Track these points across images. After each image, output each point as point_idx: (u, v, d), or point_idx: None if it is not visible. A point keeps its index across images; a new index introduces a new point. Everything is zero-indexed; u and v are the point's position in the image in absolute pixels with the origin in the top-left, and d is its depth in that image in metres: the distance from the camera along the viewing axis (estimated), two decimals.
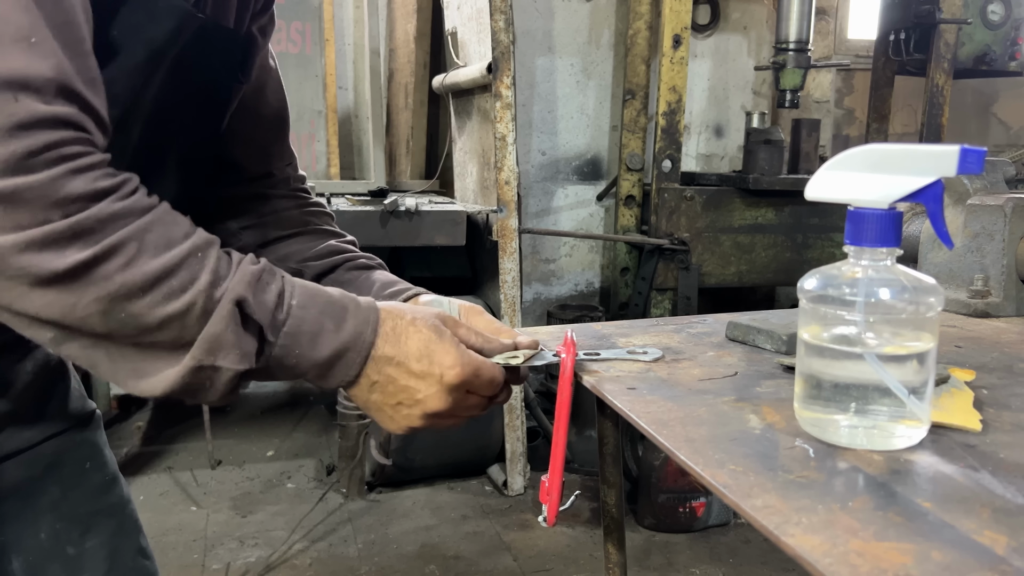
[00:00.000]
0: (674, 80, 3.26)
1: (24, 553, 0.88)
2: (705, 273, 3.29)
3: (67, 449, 0.93)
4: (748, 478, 0.60)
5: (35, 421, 0.89)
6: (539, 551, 2.49)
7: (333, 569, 2.37)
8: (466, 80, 2.96)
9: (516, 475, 2.85)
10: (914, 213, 1.41)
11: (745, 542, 2.56)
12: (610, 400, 0.81)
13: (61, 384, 0.95)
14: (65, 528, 0.91)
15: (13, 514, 0.87)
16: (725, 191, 3.30)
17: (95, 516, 0.93)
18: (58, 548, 0.90)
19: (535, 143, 3.82)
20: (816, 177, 0.67)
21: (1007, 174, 1.34)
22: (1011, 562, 0.48)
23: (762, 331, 0.99)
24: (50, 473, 0.90)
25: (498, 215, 2.76)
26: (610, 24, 3.84)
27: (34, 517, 0.89)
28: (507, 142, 2.72)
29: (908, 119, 4.32)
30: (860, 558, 0.49)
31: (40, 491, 0.89)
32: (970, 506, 0.56)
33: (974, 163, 0.61)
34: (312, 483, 2.92)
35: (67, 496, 0.92)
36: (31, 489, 0.89)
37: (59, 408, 0.93)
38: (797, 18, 3.34)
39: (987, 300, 1.23)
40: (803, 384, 0.69)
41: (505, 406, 2.82)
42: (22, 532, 0.88)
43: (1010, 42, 3.64)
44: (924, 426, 0.67)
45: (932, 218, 0.66)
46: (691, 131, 4.06)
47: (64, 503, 0.91)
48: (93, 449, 0.97)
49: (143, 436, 3.30)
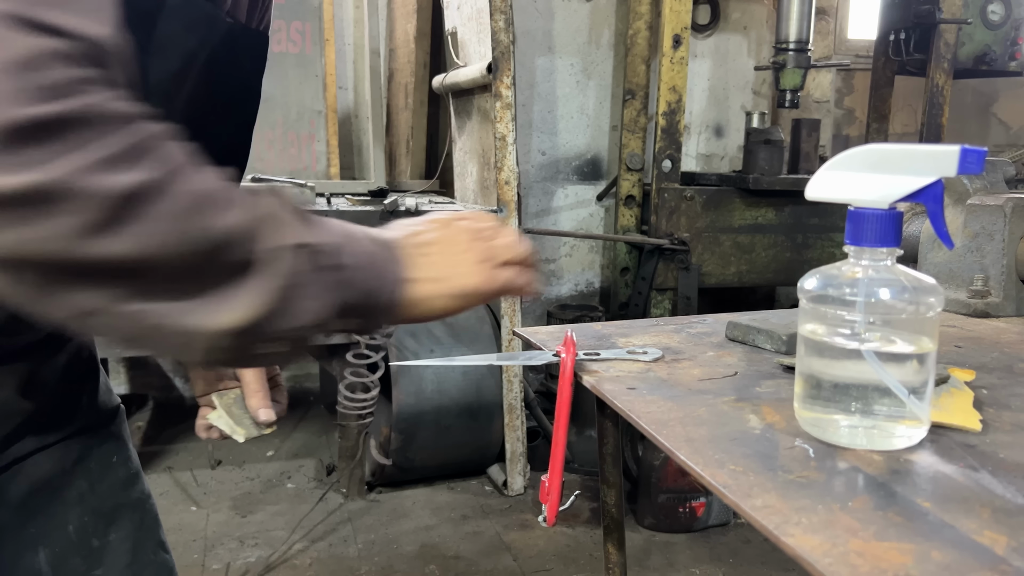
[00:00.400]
0: (674, 80, 3.26)
1: (51, 545, 0.88)
2: (705, 273, 3.29)
3: (95, 443, 0.93)
4: (748, 478, 0.60)
5: (66, 415, 0.90)
6: (539, 551, 2.49)
7: (333, 569, 2.37)
8: (466, 80, 2.96)
9: (516, 475, 2.85)
10: (914, 213, 1.41)
11: (745, 542, 2.56)
12: (610, 400, 0.81)
13: (91, 379, 0.95)
14: (91, 521, 0.91)
15: (42, 507, 0.88)
16: (725, 191, 3.30)
17: (120, 509, 0.94)
18: (84, 541, 0.90)
19: (535, 143, 3.82)
20: (816, 177, 0.67)
21: (1007, 174, 1.34)
22: (1011, 562, 0.48)
23: (762, 331, 0.99)
24: (78, 466, 0.91)
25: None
26: (610, 24, 3.84)
27: (62, 510, 0.89)
28: (507, 142, 2.72)
29: (908, 119, 4.32)
30: (860, 558, 0.49)
31: (68, 484, 0.90)
32: (970, 506, 0.56)
33: (974, 163, 0.61)
34: (312, 483, 2.92)
35: (94, 489, 0.92)
36: (60, 482, 0.89)
37: (88, 402, 0.94)
38: (797, 18, 3.34)
39: (987, 300, 1.23)
40: (803, 384, 0.69)
41: (505, 406, 2.83)
42: (50, 525, 0.88)
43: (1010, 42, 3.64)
44: (924, 426, 0.67)
45: (932, 218, 0.66)
46: (691, 131, 4.06)
47: (91, 496, 0.92)
48: (119, 443, 0.97)
49: (143, 436, 3.31)
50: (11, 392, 0.80)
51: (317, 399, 3.79)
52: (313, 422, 3.52)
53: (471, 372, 2.80)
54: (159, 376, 3.61)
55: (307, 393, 3.87)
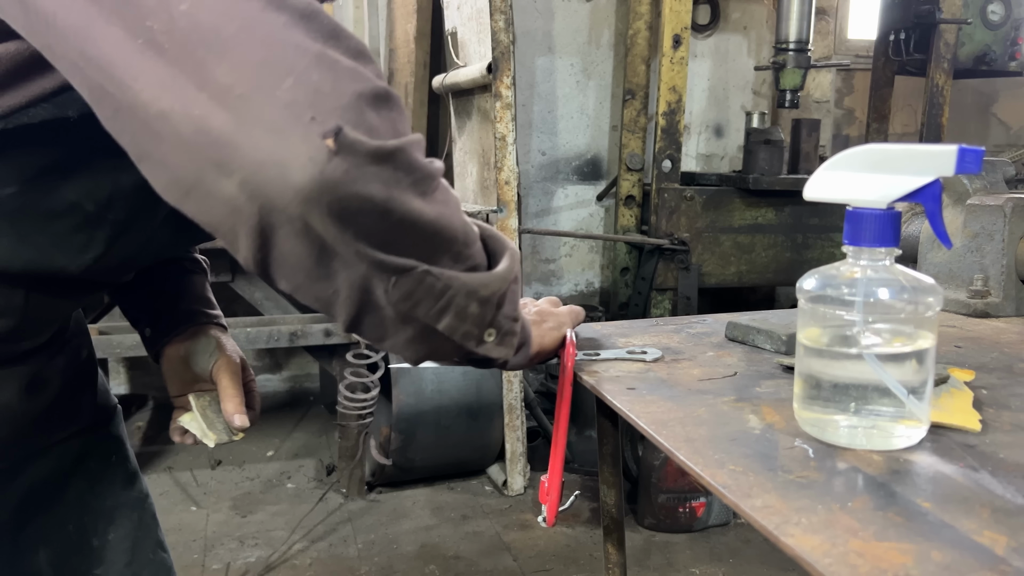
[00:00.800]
0: (674, 80, 3.26)
1: (51, 545, 0.88)
2: (705, 273, 3.29)
3: (94, 443, 0.94)
4: (748, 478, 0.60)
5: (66, 416, 0.90)
6: (539, 551, 2.49)
7: (333, 569, 2.37)
8: (466, 80, 2.96)
9: (516, 475, 2.85)
10: (913, 213, 1.41)
11: (745, 542, 2.56)
12: (610, 400, 0.81)
13: (90, 380, 0.95)
14: (91, 521, 0.92)
15: (42, 507, 0.88)
16: (725, 191, 3.30)
17: (118, 509, 0.95)
18: (83, 540, 0.91)
19: (535, 143, 3.82)
20: (815, 177, 0.67)
21: (1007, 174, 1.34)
22: (1011, 562, 0.48)
23: (762, 331, 0.99)
24: (78, 467, 0.91)
25: (498, 215, 2.76)
26: (610, 24, 3.84)
27: (62, 510, 0.90)
28: (507, 142, 2.72)
29: (908, 119, 4.32)
30: (860, 558, 0.49)
31: (68, 484, 0.90)
32: (970, 506, 0.56)
33: (972, 163, 0.61)
34: (312, 483, 2.92)
35: (93, 489, 0.92)
36: (60, 483, 0.89)
37: (88, 403, 0.94)
38: (797, 18, 3.34)
39: (987, 300, 1.23)
40: (802, 384, 0.69)
41: (505, 406, 2.83)
42: (49, 524, 0.89)
43: (1010, 42, 3.64)
44: (924, 426, 0.67)
45: (930, 218, 0.66)
46: (691, 131, 4.06)
47: (90, 496, 0.92)
48: (117, 443, 0.98)
49: (143, 436, 3.31)
50: (13, 395, 0.80)
51: (317, 399, 3.79)
52: (313, 422, 3.52)
53: (471, 372, 2.80)
54: (159, 376, 3.60)
55: (307, 393, 3.87)
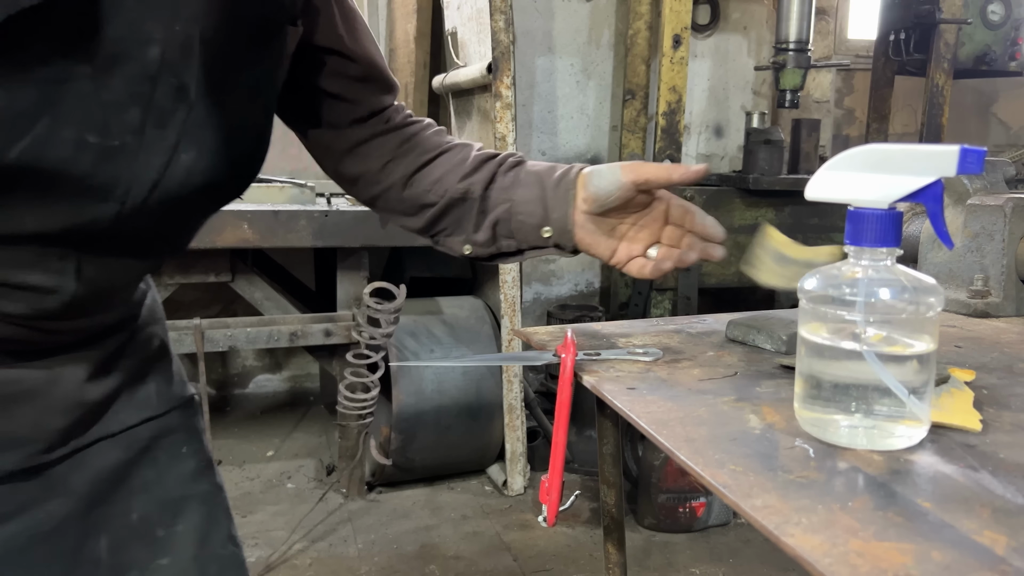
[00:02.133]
0: (674, 80, 3.26)
1: (112, 532, 0.86)
2: (705, 273, 3.29)
3: (165, 433, 0.91)
4: (748, 478, 0.60)
5: (134, 403, 0.88)
6: (539, 551, 2.49)
7: (333, 569, 2.37)
8: (466, 80, 2.96)
9: (516, 475, 2.85)
10: (914, 213, 1.41)
11: (745, 542, 2.56)
12: (610, 400, 0.81)
13: (162, 366, 0.93)
14: (157, 511, 0.89)
15: (105, 495, 0.86)
16: (725, 191, 3.30)
17: (187, 501, 0.92)
18: (147, 530, 0.88)
19: (535, 143, 3.82)
20: (816, 177, 0.67)
21: (1007, 174, 1.34)
22: (1011, 562, 0.48)
23: (762, 331, 0.99)
24: (145, 456, 0.89)
25: None
26: (610, 24, 3.84)
27: (126, 498, 0.87)
28: (507, 142, 2.72)
29: (908, 119, 4.32)
30: (860, 558, 0.49)
31: (134, 473, 0.88)
32: (970, 506, 0.56)
33: (974, 163, 0.61)
34: (312, 483, 2.92)
35: (161, 479, 0.90)
36: (125, 471, 0.87)
37: (159, 390, 0.91)
38: (797, 18, 3.34)
39: (987, 300, 1.23)
40: (803, 384, 0.69)
41: (505, 406, 2.83)
42: (112, 512, 0.86)
43: (1010, 42, 3.65)
44: (924, 426, 0.67)
45: (932, 218, 0.66)
46: (691, 131, 4.06)
47: (157, 486, 0.89)
48: (190, 434, 0.95)
49: None
50: (78, 381, 0.78)
51: (317, 399, 3.79)
52: (313, 422, 3.52)
53: (471, 372, 2.80)
54: None
55: (307, 393, 3.87)
